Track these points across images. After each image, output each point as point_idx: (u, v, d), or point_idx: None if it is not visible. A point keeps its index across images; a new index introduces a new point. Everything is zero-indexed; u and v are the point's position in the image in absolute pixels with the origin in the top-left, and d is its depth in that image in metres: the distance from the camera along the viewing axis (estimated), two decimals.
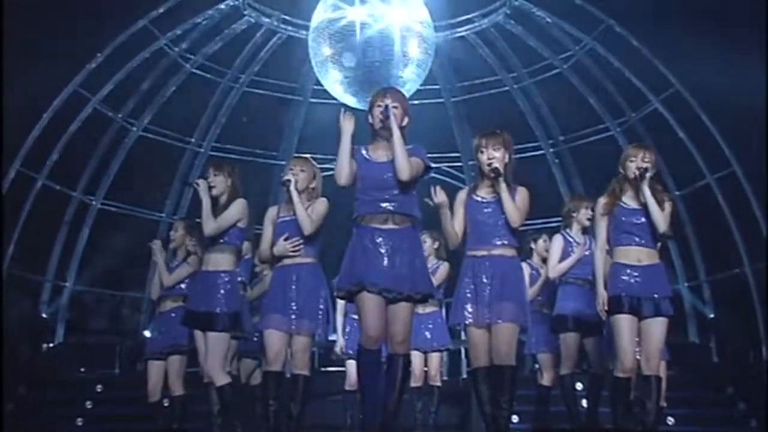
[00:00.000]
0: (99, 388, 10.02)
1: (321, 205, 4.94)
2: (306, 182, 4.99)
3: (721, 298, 12.82)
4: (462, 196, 4.45)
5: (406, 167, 3.94)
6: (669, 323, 4.47)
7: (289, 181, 4.87)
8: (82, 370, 11.51)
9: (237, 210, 4.99)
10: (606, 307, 4.48)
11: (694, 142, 12.71)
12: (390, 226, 4.01)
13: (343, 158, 4.02)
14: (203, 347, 5.03)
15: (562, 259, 5.89)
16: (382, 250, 3.97)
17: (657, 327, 4.43)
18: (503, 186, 4.16)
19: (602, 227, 4.61)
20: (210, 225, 4.92)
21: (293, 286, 4.84)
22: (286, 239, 4.86)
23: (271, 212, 5.06)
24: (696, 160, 12.74)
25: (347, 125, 4.05)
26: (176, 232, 6.09)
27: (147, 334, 11.82)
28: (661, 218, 4.47)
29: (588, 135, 13.93)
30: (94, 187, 13.26)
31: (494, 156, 4.29)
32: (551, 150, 14.40)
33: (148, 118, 13.51)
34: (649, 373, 4.43)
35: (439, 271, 6.78)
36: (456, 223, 4.39)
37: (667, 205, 4.52)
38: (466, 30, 13.59)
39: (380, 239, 3.99)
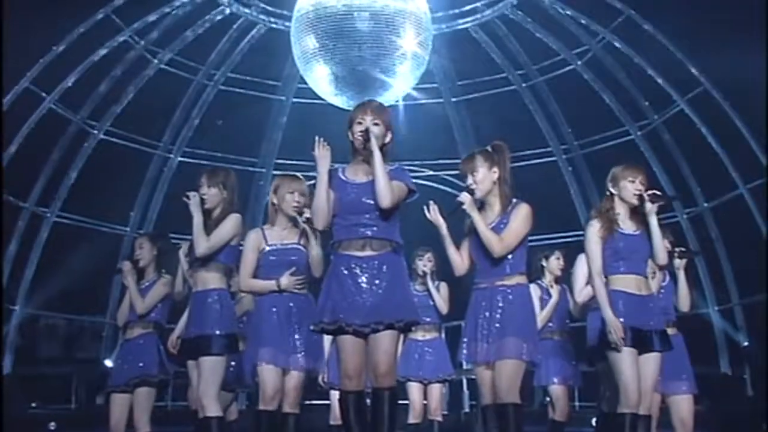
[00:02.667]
0: (52, 425, 9.97)
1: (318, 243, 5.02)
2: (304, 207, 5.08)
3: (756, 324, 12.83)
4: (468, 222, 4.59)
5: (387, 193, 4.06)
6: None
7: (310, 221, 4.82)
8: (34, 405, 11.44)
9: (231, 227, 5.02)
10: (622, 335, 4.54)
11: (725, 147, 12.78)
12: (368, 252, 4.12)
13: (320, 199, 4.14)
14: (197, 379, 5.03)
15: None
16: (360, 281, 4.09)
17: (653, 363, 4.61)
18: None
19: (598, 252, 4.70)
20: (202, 245, 4.96)
21: (290, 318, 4.94)
22: (293, 273, 4.96)
23: (256, 238, 5.07)
24: (727, 168, 12.80)
25: (323, 157, 4.15)
26: (142, 249, 6.09)
27: (109, 363, 11.79)
28: (662, 249, 4.66)
29: (605, 139, 14.00)
30: (49, 198, 13.26)
31: (475, 180, 4.46)
32: (564, 156, 14.47)
33: (111, 120, 13.53)
34: (644, 413, 4.59)
35: (442, 290, 6.78)
36: (463, 250, 4.59)
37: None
38: (468, 22, 13.66)
39: (358, 268, 4.10)
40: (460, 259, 4.58)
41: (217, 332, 4.93)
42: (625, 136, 13.84)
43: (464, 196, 4.44)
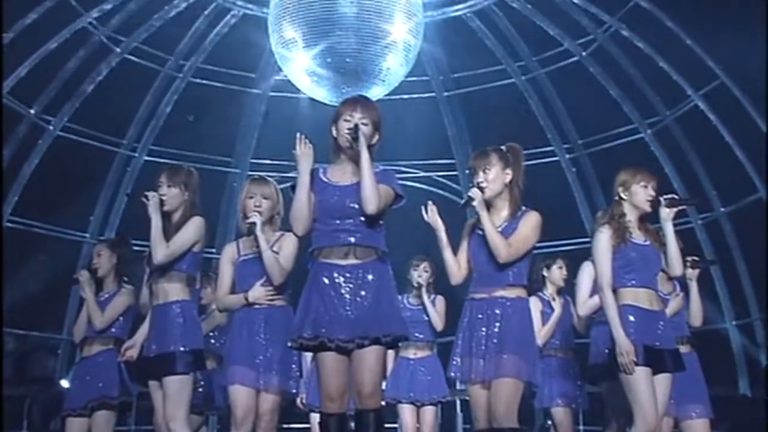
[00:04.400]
0: None
1: (290, 245, 5.03)
2: (270, 212, 5.08)
3: None
4: (469, 223, 4.65)
5: (374, 198, 4.08)
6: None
7: (254, 224, 4.95)
8: None
9: (193, 231, 5.02)
10: (633, 358, 4.54)
11: (743, 146, 12.82)
12: (351, 261, 4.14)
13: (301, 203, 4.16)
14: (161, 404, 5.02)
15: (594, 292, 5.89)
16: (343, 291, 4.11)
17: (664, 384, 4.65)
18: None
19: (609, 263, 4.71)
20: (161, 251, 4.95)
21: (261, 334, 4.97)
22: (263, 284, 5.00)
23: (230, 251, 5.22)
24: (746, 169, 12.84)
25: (305, 156, 4.18)
26: (101, 257, 6.07)
27: (65, 384, 11.74)
28: (678, 258, 4.77)
29: (612, 138, 14.03)
30: None
31: (486, 179, 4.51)
32: (567, 156, 14.50)
33: (69, 115, 13.47)
34: None
35: (438, 305, 6.79)
36: (460, 256, 4.63)
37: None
38: (462, 8, 13.67)
39: (340, 278, 4.12)
40: (457, 266, 4.59)
41: (182, 349, 4.92)
42: (633, 134, 13.84)
43: (475, 192, 4.44)
